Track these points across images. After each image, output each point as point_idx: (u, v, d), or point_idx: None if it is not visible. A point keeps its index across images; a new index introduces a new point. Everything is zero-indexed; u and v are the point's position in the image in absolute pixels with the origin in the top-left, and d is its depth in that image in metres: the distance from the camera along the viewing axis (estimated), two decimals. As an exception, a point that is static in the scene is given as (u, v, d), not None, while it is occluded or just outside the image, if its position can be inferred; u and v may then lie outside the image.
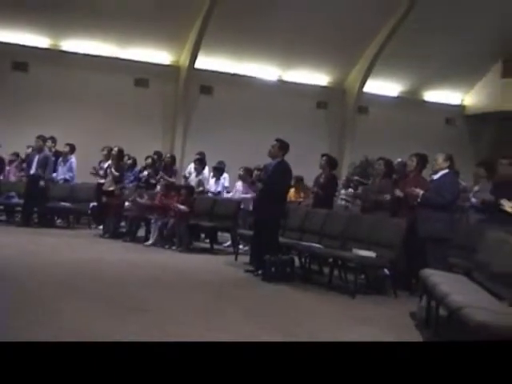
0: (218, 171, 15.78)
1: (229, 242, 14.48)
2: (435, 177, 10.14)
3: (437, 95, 24.27)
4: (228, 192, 15.80)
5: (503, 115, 23.22)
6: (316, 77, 22.63)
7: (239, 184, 15.08)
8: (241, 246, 13.42)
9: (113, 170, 15.73)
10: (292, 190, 14.00)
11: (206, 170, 15.92)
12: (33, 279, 9.04)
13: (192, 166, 16.18)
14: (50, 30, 19.19)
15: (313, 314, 8.45)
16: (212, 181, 15.79)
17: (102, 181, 16.01)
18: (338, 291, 9.86)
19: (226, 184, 15.93)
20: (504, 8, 20.59)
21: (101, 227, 15.35)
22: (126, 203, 14.72)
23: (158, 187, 14.88)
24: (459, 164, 10.67)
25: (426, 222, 9.68)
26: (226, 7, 18.90)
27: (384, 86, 23.37)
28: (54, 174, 16.44)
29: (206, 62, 20.75)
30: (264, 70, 21.71)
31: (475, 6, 20.36)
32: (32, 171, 15.50)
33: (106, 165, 16.17)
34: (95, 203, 16.06)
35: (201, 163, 15.71)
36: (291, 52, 21.22)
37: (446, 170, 9.98)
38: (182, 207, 13.49)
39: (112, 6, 18.34)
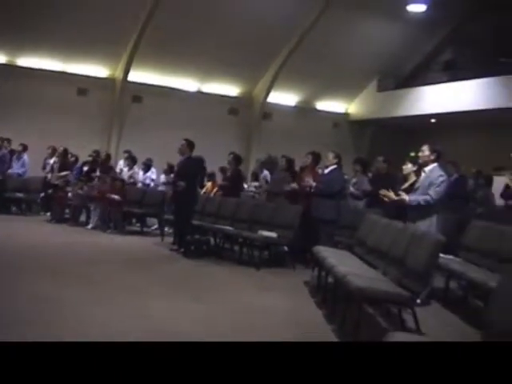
0: (147, 166, 15.73)
1: (156, 226, 14.36)
2: (326, 171, 10.30)
3: (326, 105, 24.56)
4: (156, 185, 15.77)
5: (378, 122, 23.80)
6: (229, 88, 22.61)
7: (163, 177, 15.11)
8: (166, 229, 13.34)
9: (58, 165, 15.58)
10: (209, 183, 14.03)
11: (136, 166, 15.81)
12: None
13: (121, 162, 16.23)
14: (7, 49, 18.74)
15: (225, 283, 8.52)
16: (141, 174, 15.72)
17: (49, 175, 15.88)
18: (246, 265, 9.91)
19: (153, 177, 15.89)
20: (379, 37, 21.06)
21: (48, 214, 15.06)
22: (69, 194, 14.52)
23: (96, 180, 14.68)
24: (343, 160, 10.82)
25: (318, 207, 9.84)
26: (154, 32, 18.74)
27: (284, 97, 23.51)
28: (10, 169, 16.09)
29: (137, 75, 20.51)
30: (185, 83, 21.58)
31: (353, 35, 20.80)
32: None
33: (51, 161, 16.05)
34: (43, 194, 15.80)
35: (132, 160, 15.60)
36: (208, 68, 21.16)
37: (335, 166, 10.15)
38: (115, 196, 13.40)
39: (59, 29, 17.97)
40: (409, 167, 8.59)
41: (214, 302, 7.06)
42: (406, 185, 8.42)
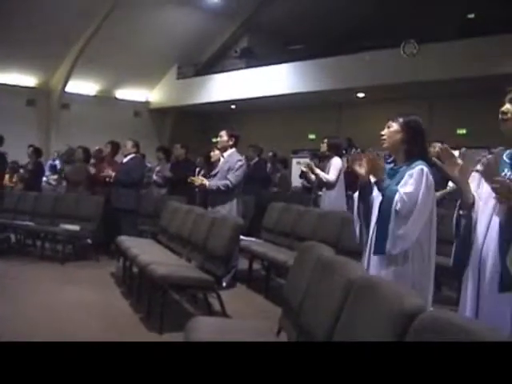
0: None
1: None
2: (125, 160, 10.20)
3: (126, 93, 24.22)
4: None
5: (179, 109, 23.92)
6: (25, 79, 21.58)
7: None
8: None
9: None
10: (7, 177, 13.41)
11: None
12: None
13: None
14: None
15: (28, 280, 8.07)
16: None
17: None
18: (49, 260, 9.55)
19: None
20: (177, 25, 21.09)
21: None
22: None
23: None
24: (146, 149, 10.79)
25: (118, 196, 9.73)
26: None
27: (83, 86, 22.86)
28: None
29: None
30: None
31: (152, 23, 20.67)
32: None
33: None
34: None
35: None
36: (2, 57, 20.09)
37: (134, 155, 10.09)
38: None
39: None
40: (216, 153, 8.72)
41: (18, 300, 6.72)
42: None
